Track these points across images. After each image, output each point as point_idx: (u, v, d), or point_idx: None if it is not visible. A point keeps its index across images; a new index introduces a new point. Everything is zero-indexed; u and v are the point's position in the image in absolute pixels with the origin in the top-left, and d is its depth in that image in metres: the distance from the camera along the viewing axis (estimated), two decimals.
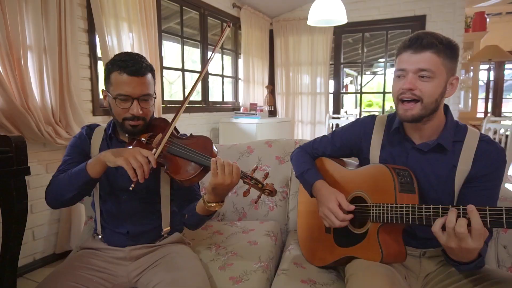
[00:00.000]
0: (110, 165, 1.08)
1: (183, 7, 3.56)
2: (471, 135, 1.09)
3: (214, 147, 1.17)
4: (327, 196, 1.16)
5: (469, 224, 0.84)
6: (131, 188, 1.05)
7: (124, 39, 2.63)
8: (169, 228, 1.31)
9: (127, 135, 1.26)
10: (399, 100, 1.06)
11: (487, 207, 0.83)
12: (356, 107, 10.17)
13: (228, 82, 4.61)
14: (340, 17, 2.87)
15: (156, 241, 1.29)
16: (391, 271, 1.01)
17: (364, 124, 1.28)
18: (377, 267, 0.99)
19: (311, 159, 1.37)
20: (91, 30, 2.49)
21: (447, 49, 1.01)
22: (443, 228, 0.88)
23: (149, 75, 1.21)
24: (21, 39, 1.95)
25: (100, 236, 1.29)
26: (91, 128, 1.34)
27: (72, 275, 1.13)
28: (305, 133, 5.00)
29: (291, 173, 1.73)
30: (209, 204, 1.11)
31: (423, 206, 0.95)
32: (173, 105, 3.37)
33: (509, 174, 4.75)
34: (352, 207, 1.11)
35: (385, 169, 1.07)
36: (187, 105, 1.22)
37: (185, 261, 1.20)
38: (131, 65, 1.15)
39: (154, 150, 1.11)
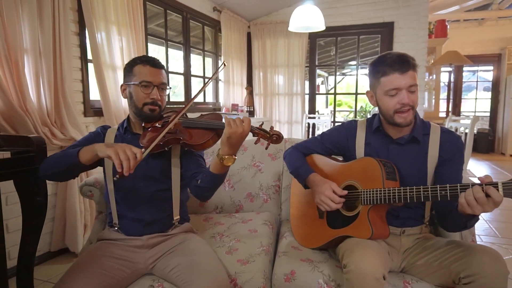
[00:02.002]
0: (100, 155, 1.17)
1: (167, 11, 3.65)
2: (434, 128, 1.38)
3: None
4: (322, 186, 1.35)
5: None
6: (115, 179, 1.13)
7: (113, 41, 2.71)
8: (179, 216, 1.45)
9: (143, 124, 1.40)
10: (395, 112, 1.28)
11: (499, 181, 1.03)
12: (326, 107, 10.56)
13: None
14: (319, 24, 3.09)
15: (168, 229, 1.43)
16: (378, 245, 1.22)
17: (349, 127, 1.50)
18: (367, 242, 1.19)
19: (303, 156, 1.56)
20: (82, 33, 2.55)
21: (415, 63, 1.27)
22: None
23: (164, 71, 1.43)
24: (18, 42, 2.00)
25: (116, 228, 1.41)
26: (105, 128, 1.48)
27: (97, 263, 1.25)
28: (282, 132, 5.20)
29: (282, 168, 1.91)
30: (223, 156, 1.22)
31: (407, 188, 1.17)
32: None
33: (467, 168, 5.17)
34: (345, 192, 1.31)
35: (374, 161, 1.28)
36: (171, 106, 1.38)
37: (198, 246, 1.35)
38: (151, 59, 1.39)
39: (143, 150, 1.19)
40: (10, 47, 1.96)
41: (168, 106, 3.67)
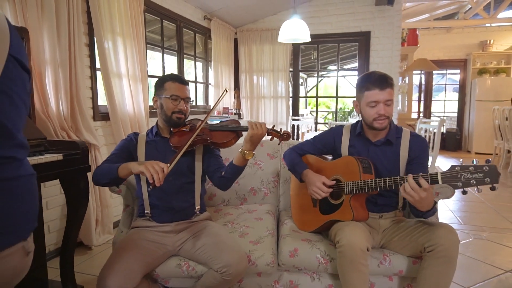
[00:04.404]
0: (134, 171, 1.43)
1: (163, 20, 3.89)
2: (405, 133, 1.72)
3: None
4: (313, 179, 1.68)
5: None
6: (149, 189, 1.42)
7: (119, 51, 2.94)
8: (199, 206, 1.74)
9: (171, 129, 1.69)
10: (374, 119, 1.60)
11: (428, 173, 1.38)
12: (306, 108, 11.00)
13: (199, 87, 4.99)
14: (305, 36, 3.43)
15: (192, 217, 1.72)
16: (363, 226, 1.56)
17: (336, 131, 1.84)
18: (354, 223, 1.53)
19: (299, 156, 1.89)
20: (91, 43, 2.78)
21: (393, 83, 1.61)
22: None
23: (188, 86, 1.73)
24: (41, 55, 2.22)
25: (147, 217, 1.68)
26: (136, 134, 1.75)
27: (137, 246, 1.52)
28: None
29: (279, 166, 2.23)
30: (246, 152, 1.55)
31: (378, 179, 1.51)
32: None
33: (436, 165, 5.65)
34: (332, 183, 1.65)
35: (352, 159, 1.63)
36: None
37: (219, 230, 1.65)
38: (180, 78, 1.70)
39: (168, 165, 1.39)
40: (34, 60, 2.19)
41: None
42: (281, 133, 1.58)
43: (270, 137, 1.60)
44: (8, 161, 0.77)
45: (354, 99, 1.74)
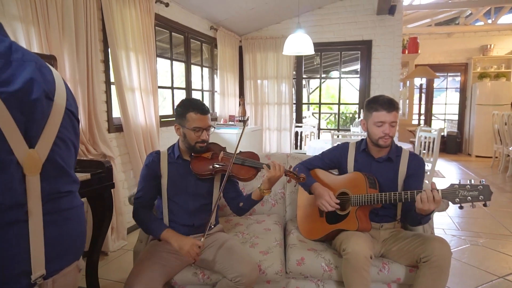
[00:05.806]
0: (179, 252, 1.63)
1: (172, 32, 4.05)
2: (404, 152, 1.88)
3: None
4: (322, 193, 1.83)
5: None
6: (192, 265, 1.68)
7: (132, 65, 3.09)
8: (214, 221, 1.89)
9: (192, 154, 1.80)
10: (379, 138, 1.77)
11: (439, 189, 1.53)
12: (308, 109, 11.15)
13: (205, 95, 5.14)
14: (308, 50, 3.57)
15: (207, 230, 1.86)
16: (366, 236, 1.71)
17: (343, 148, 1.99)
18: (359, 233, 1.69)
19: (308, 170, 2.04)
20: (106, 60, 2.93)
21: (398, 107, 1.77)
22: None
23: (209, 114, 1.80)
24: (61, 73, 2.37)
25: None
26: (157, 153, 1.86)
27: (158, 256, 1.67)
28: (272, 139, 5.67)
29: (285, 179, 2.36)
30: (264, 190, 1.71)
31: (383, 193, 1.66)
32: (166, 119, 3.84)
33: (436, 169, 5.77)
34: (337, 201, 1.79)
35: (361, 174, 1.78)
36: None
37: (232, 241, 1.79)
38: (200, 107, 1.74)
39: (202, 239, 1.60)
40: None
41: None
42: (298, 175, 1.71)
43: (288, 178, 1.73)
44: (66, 194, 0.94)
45: (362, 118, 1.90)
